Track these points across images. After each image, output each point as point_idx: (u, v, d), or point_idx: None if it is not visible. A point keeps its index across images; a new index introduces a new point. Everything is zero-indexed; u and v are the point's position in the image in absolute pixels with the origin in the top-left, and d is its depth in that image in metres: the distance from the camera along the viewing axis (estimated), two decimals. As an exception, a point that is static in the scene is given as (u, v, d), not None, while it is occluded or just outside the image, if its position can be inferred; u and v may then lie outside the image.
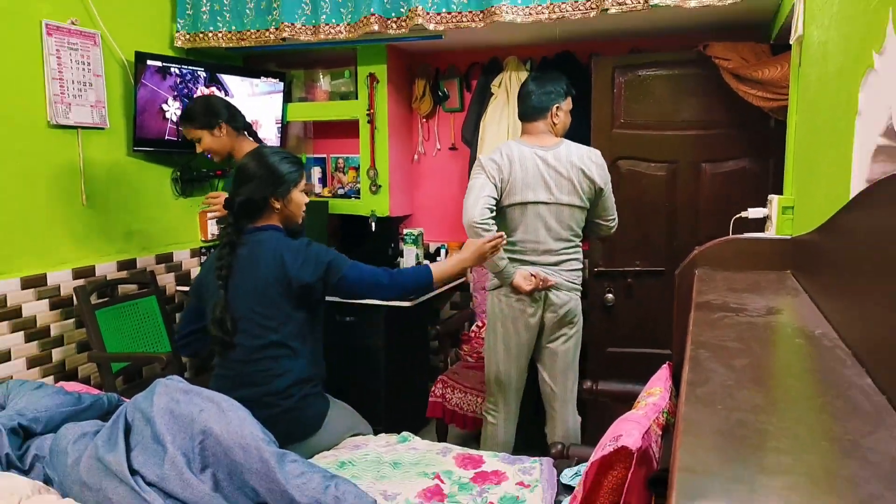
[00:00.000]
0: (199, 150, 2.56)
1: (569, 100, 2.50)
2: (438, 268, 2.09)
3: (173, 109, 3.13)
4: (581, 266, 2.53)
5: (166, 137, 3.13)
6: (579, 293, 2.53)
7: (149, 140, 3.06)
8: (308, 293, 1.96)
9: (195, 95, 3.16)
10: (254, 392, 1.91)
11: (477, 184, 2.38)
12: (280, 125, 3.59)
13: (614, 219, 2.56)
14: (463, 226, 2.34)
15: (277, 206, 2.00)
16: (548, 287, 2.43)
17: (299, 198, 2.05)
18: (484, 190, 2.36)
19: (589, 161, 2.43)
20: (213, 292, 1.97)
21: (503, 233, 2.19)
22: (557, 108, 2.45)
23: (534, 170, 2.39)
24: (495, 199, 2.38)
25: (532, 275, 2.41)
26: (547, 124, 2.46)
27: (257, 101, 3.45)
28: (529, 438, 2.76)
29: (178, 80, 3.14)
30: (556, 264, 2.45)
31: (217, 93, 3.26)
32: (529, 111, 2.47)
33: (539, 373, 2.58)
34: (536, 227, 2.42)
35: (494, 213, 2.37)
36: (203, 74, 3.23)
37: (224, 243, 1.99)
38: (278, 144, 3.57)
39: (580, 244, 2.52)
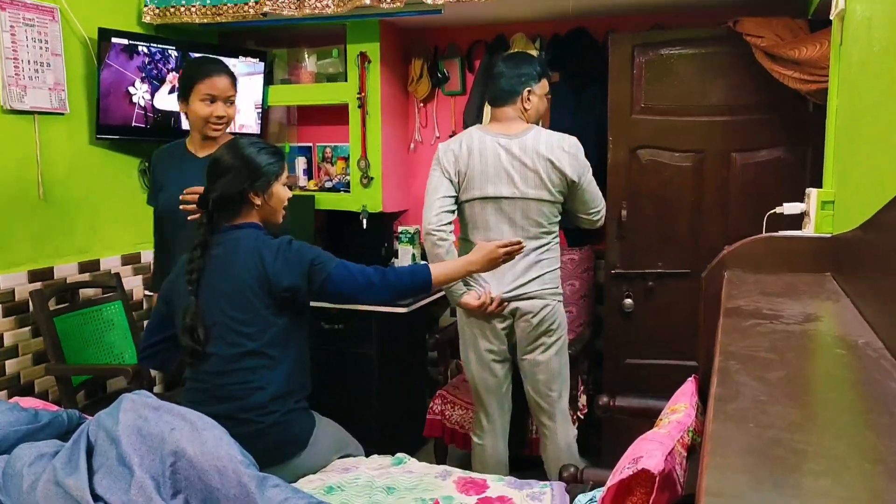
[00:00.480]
0: (225, 111, 2.38)
1: (543, 83, 2.49)
2: (439, 269, 2.09)
3: (141, 93, 3.13)
4: (558, 265, 2.52)
5: (133, 124, 3.13)
6: (559, 297, 2.51)
7: (114, 127, 3.07)
8: (291, 297, 1.96)
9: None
10: (230, 407, 1.91)
11: (432, 184, 2.41)
12: (260, 110, 3.59)
13: (598, 211, 2.53)
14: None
15: (257, 201, 2.01)
16: (502, 308, 2.43)
17: (281, 192, 2.06)
18: (438, 191, 2.39)
19: (560, 150, 2.38)
20: (184, 297, 1.97)
21: (521, 240, 2.16)
22: (529, 91, 2.43)
23: (494, 161, 2.39)
24: (453, 197, 2.41)
25: (479, 296, 2.41)
26: (517, 110, 2.45)
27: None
28: (530, 461, 2.77)
29: (147, 61, 3.14)
30: (526, 267, 2.43)
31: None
32: (498, 95, 2.46)
33: (524, 387, 2.58)
34: (499, 224, 2.41)
35: (454, 215, 2.41)
36: (174, 54, 3.23)
37: (196, 244, 1.99)
38: (258, 132, 3.57)
39: (555, 241, 2.51)
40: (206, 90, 2.34)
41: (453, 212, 2.41)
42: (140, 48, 3.10)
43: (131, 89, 3.10)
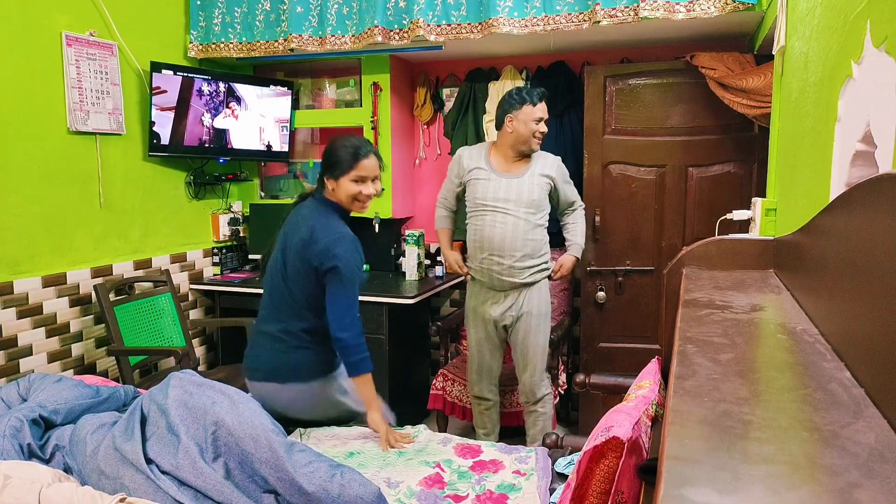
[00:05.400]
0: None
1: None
2: (365, 386, 2.02)
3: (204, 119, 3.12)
4: None
5: (185, 143, 3.13)
6: None
7: (165, 145, 3.06)
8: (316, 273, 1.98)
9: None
10: (286, 325, 1.98)
11: None
12: (288, 132, 3.59)
13: None
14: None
15: (330, 186, 2.00)
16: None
17: (346, 186, 1.97)
18: None
19: None
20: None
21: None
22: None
23: None
24: None
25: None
26: None
27: (266, 109, 3.45)
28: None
29: (204, 95, 3.13)
30: None
31: (233, 102, 3.27)
32: None
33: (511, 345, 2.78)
34: None
35: None
36: (217, 83, 3.22)
37: (296, 202, 2.12)
38: (286, 150, 3.57)
39: None
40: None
41: None
42: (189, 80, 3.10)
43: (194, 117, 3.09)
